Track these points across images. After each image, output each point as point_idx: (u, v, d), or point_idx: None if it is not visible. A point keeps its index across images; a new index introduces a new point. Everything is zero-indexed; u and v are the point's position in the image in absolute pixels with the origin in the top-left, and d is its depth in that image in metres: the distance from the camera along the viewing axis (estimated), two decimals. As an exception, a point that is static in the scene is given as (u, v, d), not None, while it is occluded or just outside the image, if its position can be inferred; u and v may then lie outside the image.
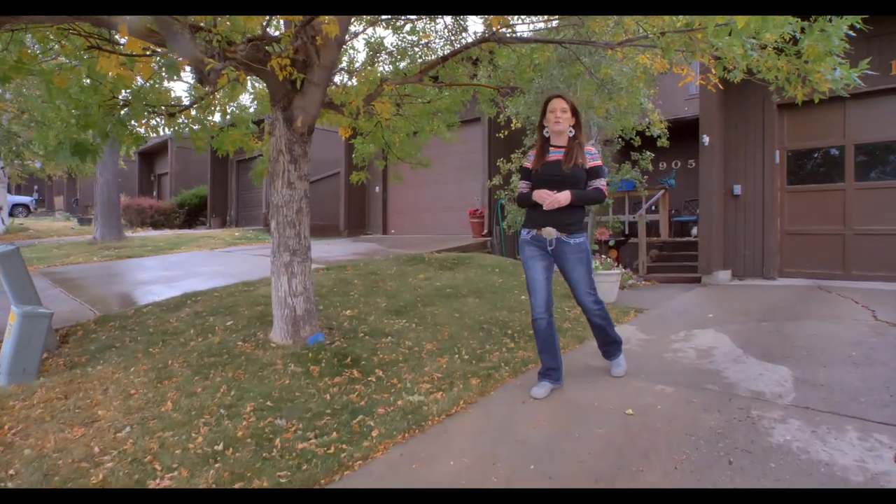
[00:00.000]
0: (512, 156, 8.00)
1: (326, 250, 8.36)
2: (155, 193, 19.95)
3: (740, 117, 7.05)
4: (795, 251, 6.79)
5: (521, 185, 3.14)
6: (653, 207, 9.85)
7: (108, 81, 3.92)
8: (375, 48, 5.00)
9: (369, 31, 5.03)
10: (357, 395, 3.18)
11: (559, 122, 2.92)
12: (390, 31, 5.49)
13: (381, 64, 5.51)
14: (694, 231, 9.86)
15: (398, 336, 4.17)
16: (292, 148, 3.90)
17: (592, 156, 2.98)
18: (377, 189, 11.76)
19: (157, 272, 6.80)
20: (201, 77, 3.15)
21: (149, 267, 7.21)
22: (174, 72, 3.43)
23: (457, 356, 3.82)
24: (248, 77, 4.10)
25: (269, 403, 3.05)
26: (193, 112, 4.54)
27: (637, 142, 8.07)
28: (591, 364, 3.64)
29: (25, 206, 23.14)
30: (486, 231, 9.21)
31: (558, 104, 2.95)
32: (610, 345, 3.33)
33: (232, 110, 5.23)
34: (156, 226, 14.45)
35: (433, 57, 4.91)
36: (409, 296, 5.18)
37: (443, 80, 4.81)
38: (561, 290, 6.34)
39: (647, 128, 7.68)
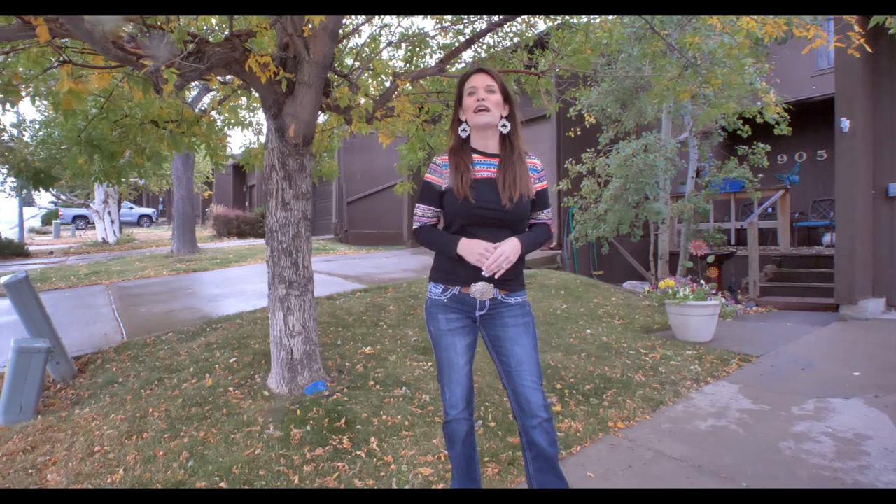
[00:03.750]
0: (583, 155, 6.87)
1: (378, 265, 7.84)
2: (247, 204, 21.08)
3: (897, 91, 5.27)
4: None
5: (420, 212, 1.87)
6: (769, 210, 8.11)
7: (125, 100, 3.61)
8: (405, 39, 4.27)
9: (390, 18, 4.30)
10: (334, 479, 2.47)
11: (486, 109, 1.75)
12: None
13: (421, 58, 4.78)
14: (826, 239, 7.96)
15: (415, 386, 3.40)
16: (286, 162, 3.30)
17: (539, 174, 1.86)
18: (444, 197, 11.04)
19: (208, 289, 6.69)
20: (155, 85, 2.63)
21: (204, 282, 7.16)
22: (138, 82, 2.97)
23: (479, 422, 2.97)
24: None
25: (222, 484, 2.44)
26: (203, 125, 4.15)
27: (745, 132, 6.57)
28: (661, 450, 2.59)
29: (149, 216, 25.79)
30: (554, 243, 8.10)
31: (480, 80, 1.79)
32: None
33: (253, 121, 4.82)
34: (241, 235, 15.10)
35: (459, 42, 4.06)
36: (444, 329, 4.39)
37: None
38: (641, 320, 5.18)
39: (760, 113, 6.16)
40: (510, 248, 1.71)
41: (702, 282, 4.73)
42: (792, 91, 8.32)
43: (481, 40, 4.59)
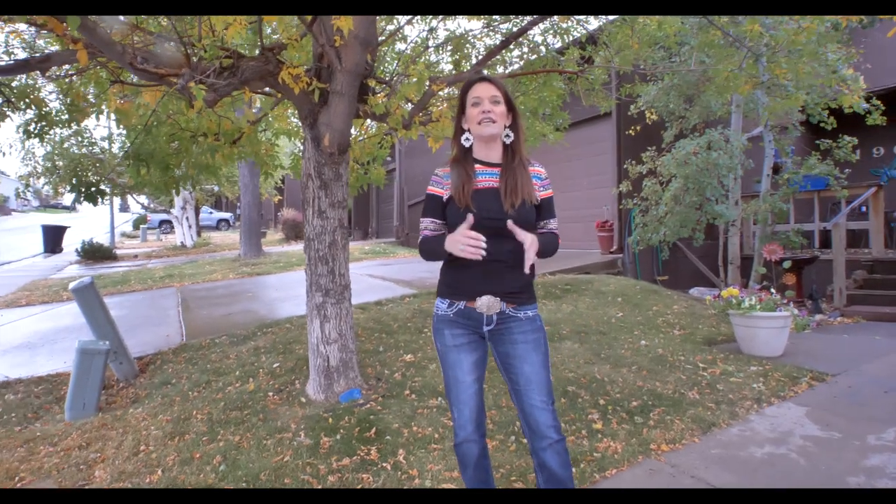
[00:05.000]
0: (643, 155, 6.47)
1: (432, 269, 7.81)
2: (314, 208, 21.85)
3: None
4: None
5: (424, 225, 1.84)
6: (862, 210, 7.28)
7: (181, 114, 3.83)
8: (449, 40, 4.20)
9: (433, 21, 4.23)
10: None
11: (491, 120, 1.72)
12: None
13: (468, 60, 4.69)
14: (931, 241, 7.02)
15: (449, 397, 3.32)
16: (322, 171, 3.33)
17: (543, 182, 1.80)
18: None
19: (267, 292, 6.97)
20: (189, 99, 2.73)
21: (266, 286, 7.47)
22: (184, 95, 3.10)
23: (513, 438, 2.84)
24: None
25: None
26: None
27: (830, 124, 5.93)
28: (706, 479, 2.34)
29: (227, 220, 27.48)
30: (615, 247, 7.70)
31: (485, 90, 1.75)
32: None
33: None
34: (308, 239, 15.69)
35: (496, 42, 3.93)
36: (485, 338, 4.27)
37: (528, 70, 3.83)
38: (704, 330, 4.79)
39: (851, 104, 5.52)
40: (529, 241, 1.62)
41: (773, 290, 4.29)
42: (885, 77, 7.44)
43: (528, 40, 4.45)
